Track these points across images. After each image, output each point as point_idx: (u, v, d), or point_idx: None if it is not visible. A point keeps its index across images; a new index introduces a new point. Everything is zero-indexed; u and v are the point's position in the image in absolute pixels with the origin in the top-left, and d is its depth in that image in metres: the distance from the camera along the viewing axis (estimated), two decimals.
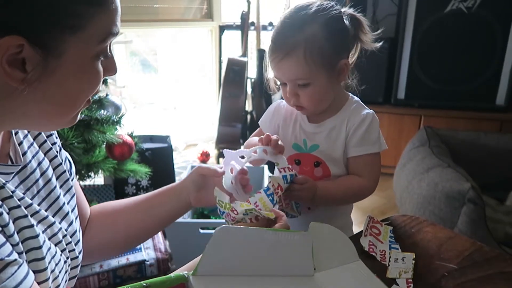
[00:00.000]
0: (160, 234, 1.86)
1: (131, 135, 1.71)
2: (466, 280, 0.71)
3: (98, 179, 1.78)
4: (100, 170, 1.60)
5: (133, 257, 1.71)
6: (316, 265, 0.65)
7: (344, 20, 0.89)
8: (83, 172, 1.55)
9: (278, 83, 0.96)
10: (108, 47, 0.59)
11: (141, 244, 1.77)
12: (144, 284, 0.49)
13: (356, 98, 0.98)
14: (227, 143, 2.98)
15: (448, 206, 1.67)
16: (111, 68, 0.62)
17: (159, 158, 2.18)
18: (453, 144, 2.26)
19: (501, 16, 2.53)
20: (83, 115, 1.45)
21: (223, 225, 0.56)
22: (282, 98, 1.01)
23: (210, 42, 3.57)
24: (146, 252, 1.75)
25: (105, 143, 1.60)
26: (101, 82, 0.60)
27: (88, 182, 1.67)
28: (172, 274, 0.53)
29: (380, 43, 0.95)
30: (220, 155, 3.07)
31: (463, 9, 2.57)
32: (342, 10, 0.90)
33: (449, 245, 0.82)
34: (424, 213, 1.77)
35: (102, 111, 1.56)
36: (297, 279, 0.63)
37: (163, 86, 4.77)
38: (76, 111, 0.60)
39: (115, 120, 1.53)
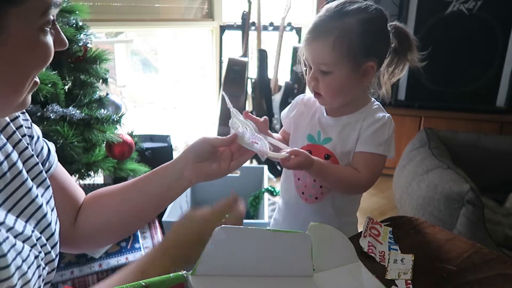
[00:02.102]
0: (160, 233, 1.86)
1: (131, 135, 1.71)
2: (465, 282, 0.71)
3: (98, 178, 1.78)
4: (100, 169, 1.60)
5: (132, 257, 1.71)
6: (315, 265, 0.65)
7: (387, 27, 0.92)
8: (83, 171, 1.55)
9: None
10: (52, 19, 0.58)
11: (141, 244, 1.77)
12: (143, 284, 0.49)
13: (377, 102, 1.00)
14: None
15: (447, 208, 1.67)
16: (59, 41, 0.61)
17: (159, 158, 2.18)
18: (453, 146, 2.26)
19: (502, 18, 2.54)
20: (83, 114, 1.45)
21: (223, 225, 0.56)
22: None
23: (210, 42, 3.57)
24: (146, 252, 1.74)
25: (105, 142, 1.60)
26: (52, 56, 0.59)
27: (88, 181, 1.67)
28: (171, 274, 0.53)
29: (424, 63, 1.00)
30: None
31: (464, 10, 2.57)
32: (393, 22, 0.93)
33: (448, 247, 0.82)
34: (423, 215, 1.77)
35: (102, 110, 1.56)
36: (296, 279, 0.63)
37: (164, 85, 4.78)
38: (24, 92, 0.59)
39: (115, 119, 1.54)
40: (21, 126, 0.71)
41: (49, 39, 0.58)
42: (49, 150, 0.79)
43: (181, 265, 0.64)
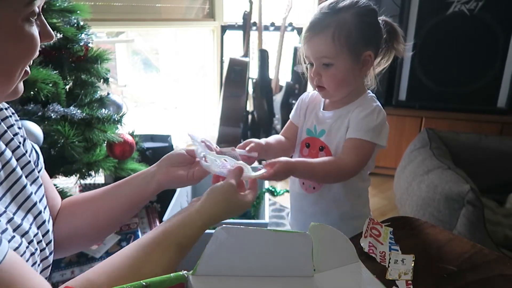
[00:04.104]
0: None
1: (132, 134, 1.71)
2: (465, 283, 0.71)
3: (98, 178, 1.78)
4: (100, 169, 1.60)
5: None
6: (315, 266, 0.65)
7: (378, 19, 0.97)
8: (83, 170, 1.55)
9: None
10: (37, 11, 0.58)
11: None
12: (144, 283, 0.49)
13: (372, 94, 1.04)
14: (228, 143, 2.98)
15: (447, 208, 1.67)
16: (45, 33, 0.62)
17: (159, 158, 2.17)
18: (454, 146, 2.26)
19: (503, 18, 2.53)
20: (84, 114, 1.45)
21: (223, 225, 0.56)
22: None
23: (211, 42, 3.57)
24: None
25: (106, 142, 1.61)
26: (38, 47, 0.60)
27: (88, 180, 1.67)
28: (171, 274, 0.53)
29: (411, 53, 1.03)
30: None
31: (465, 11, 2.57)
32: (380, 17, 0.98)
33: (448, 247, 0.82)
34: (423, 215, 1.77)
35: (103, 110, 1.56)
36: (296, 279, 0.63)
37: (164, 85, 4.78)
38: (14, 82, 0.60)
39: (116, 119, 1.54)
40: (12, 125, 0.72)
41: (35, 30, 0.59)
42: (37, 151, 0.79)
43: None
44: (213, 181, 0.84)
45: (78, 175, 1.56)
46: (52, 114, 1.38)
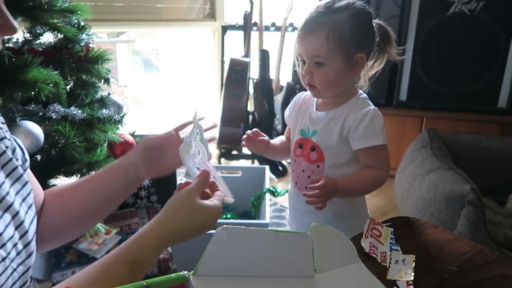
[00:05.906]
0: None
1: (132, 134, 1.71)
2: (466, 283, 0.71)
3: None
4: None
5: None
6: (316, 266, 0.65)
7: (373, 23, 0.98)
8: (84, 171, 1.55)
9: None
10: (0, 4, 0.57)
11: None
12: (145, 284, 0.49)
13: (364, 95, 1.04)
14: (229, 143, 2.98)
15: (448, 208, 1.66)
16: (7, 26, 0.60)
17: None
18: (455, 147, 2.25)
19: (503, 19, 2.53)
20: (85, 114, 1.45)
21: (224, 225, 0.56)
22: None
23: (212, 42, 3.57)
24: None
25: (106, 142, 1.61)
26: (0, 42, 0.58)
27: None
28: (172, 274, 0.53)
29: (404, 56, 1.06)
30: (222, 155, 3.07)
31: (466, 11, 2.57)
32: (374, 20, 0.99)
33: (449, 248, 0.82)
34: (424, 215, 1.77)
35: (104, 110, 1.56)
36: (297, 280, 0.63)
37: (165, 85, 4.78)
38: None
39: (116, 119, 1.54)
40: None
41: None
42: (21, 147, 0.78)
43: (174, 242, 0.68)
44: (178, 187, 0.78)
45: (79, 175, 1.56)
46: (52, 115, 1.38)
